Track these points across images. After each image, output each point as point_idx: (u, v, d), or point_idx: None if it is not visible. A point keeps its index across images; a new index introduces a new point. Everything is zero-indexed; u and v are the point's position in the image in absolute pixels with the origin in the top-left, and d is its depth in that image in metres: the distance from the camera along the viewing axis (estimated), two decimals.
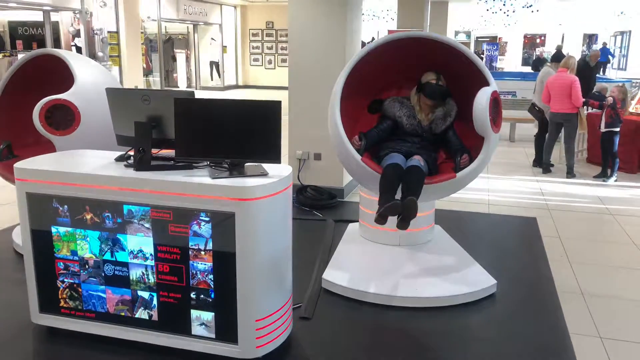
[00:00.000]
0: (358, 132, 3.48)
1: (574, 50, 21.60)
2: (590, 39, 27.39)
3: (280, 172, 2.65)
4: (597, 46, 23.87)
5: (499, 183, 6.47)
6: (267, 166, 2.68)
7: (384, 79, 3.85)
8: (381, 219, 3.03)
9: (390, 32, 11.28)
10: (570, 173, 6.71)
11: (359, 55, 3.50)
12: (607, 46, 23.78)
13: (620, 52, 26.16)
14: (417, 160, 3.30)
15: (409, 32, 3.59)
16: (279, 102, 2.52)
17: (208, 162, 2.73)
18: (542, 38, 28.05)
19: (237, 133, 2.55)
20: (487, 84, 3.26)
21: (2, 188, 5.56)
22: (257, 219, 2.49)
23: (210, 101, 2.62)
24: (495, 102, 3.21)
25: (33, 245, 2.81)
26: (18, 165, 2.78)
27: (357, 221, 4.14)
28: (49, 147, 3.61)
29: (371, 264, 3.63)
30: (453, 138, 3.55)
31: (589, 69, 9.82)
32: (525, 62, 26.63)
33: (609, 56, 23.03)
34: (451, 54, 3.41)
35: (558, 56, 7.24)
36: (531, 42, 28.57)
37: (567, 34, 26.08)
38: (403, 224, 3.03)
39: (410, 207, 2.98)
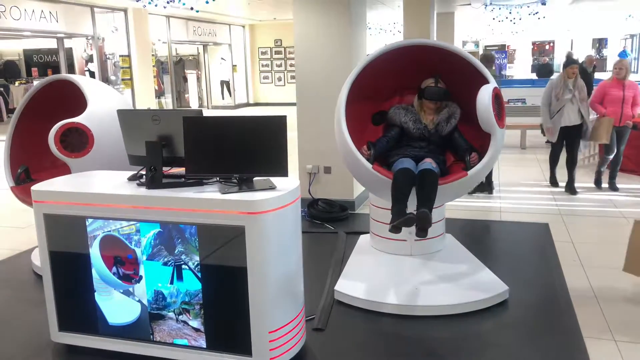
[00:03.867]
0: (366, 142, 3.54)
1: (584, 56, 21.48)
2: (600, 43, 27.27)
3: (288, 185, 2.70)
4: (607, 50, 23.78)
5: (510, 190, 6.46)
6: (275, 180, 2.74)
7: (386, 89, 3.91)
8: (395, 230, 3.10)
9: None
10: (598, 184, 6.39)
11: (359, 67, 3.57)
12: (625, 49, 23.76)
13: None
14: (429, 162, 3.33)
15: (404, 41, 3.68)
16: (284, 117, 2.59)
17: (217, 178, 2.80)
18: (551, 44, 27.99)
19: (244, 148, 2.61)
20: (486, 82, 3.32)
21: (21, 212, 5.69)
22: (266, 232, 2.54)
23: (217, 118, 2.69)
24: (497, 98, 3.28)
25: (51, 265, 2.89)
26: (35, 187, 2.87)
27: (368, 233, 4.17)
28: (65, 170, 3.71)
29: (383, 275, 3.65)
30: (459, 139, 3.61)
31: (587, 75, 9.83)
32: (534, 69, 26.55)
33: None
34: (448, 57, 3.49)
35: (569, 64, 6.19)
36: (540, 49, 28.51)
37: (576, 39, 25.99)
38: (421, 234, 3.10)
39: (424, 219, 3.05)
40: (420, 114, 3.64)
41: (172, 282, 2.70)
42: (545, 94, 6.23)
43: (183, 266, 2.67)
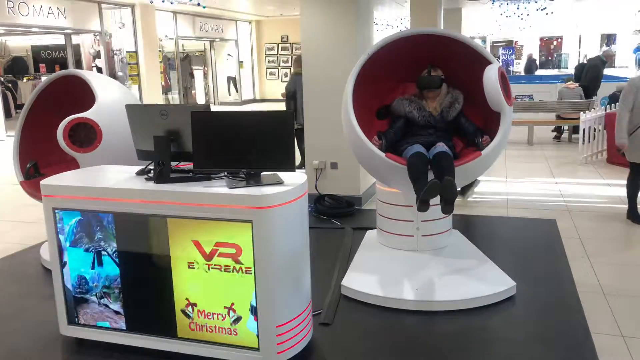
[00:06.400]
0: (375, 132, 3.55)
1: (592, 51, 21.33)
2: (608, 39, 27.03)
3: (295, 180, 2.71)
4: (615, 46, 23.62)
5: (517, 186, 6.44)
6: (283, 175, 2.75)
7: (388, 84, 3.92)
8: (423, 205, 3.09)
9: None
10: None
11: (363, 60, 3.60)
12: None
13: None
14: (441, 146, 3.34)
15: (405, 31, 3.71)
16: (291, 112, 2.61)
17: (225, 173, 2.81)
18: (559, 40, 27.81)
19: (251, 143, 2.62)
20: (488, 63, 3.36)
21: (30, 207, 5.73)
22: (274, 226, 2.55)
23: (225, 113, 2.70)
24: (503, 77, 3.30)
25: (60, 259, 2.91)
26: (44, 182, 2.89)
27: (375, 228, 4.17)
28: (73, 165, 3.73)
29: (390, 270, 3.65)
30: (466, 124, 3.63)
31: (599, 69, 9.83)
32: (542, 66, 26.39)
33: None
34: (447, 45, 3.54)
35: None
36: (547, 44, 28.33)
37: (584, 35, 25.82)
38: (447, 207, 3.07)
39: (449, 187, 3.02)
40: (423, 103, 3.66)
41: (93, 268, 2.82)
42: (624, 99, 4.82)
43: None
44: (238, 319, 2.67)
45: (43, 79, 6.97)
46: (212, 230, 2.60)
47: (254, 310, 2.62)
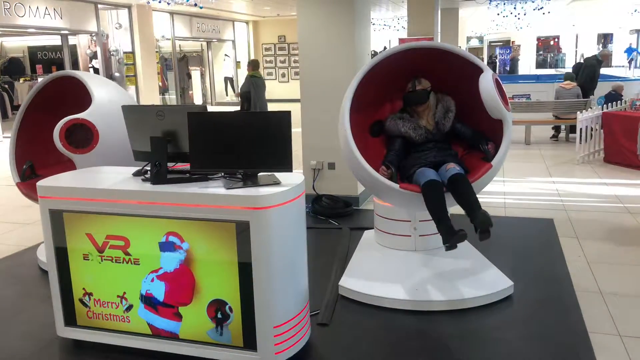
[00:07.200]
0: (371, 150, 3.52)
1: (589, 51, 21.37)
2: (605, 38, 27.12)
3: (293, 180, 2.70)
4: (612, 45, 23.71)
5: (515, 186, 6.45)
6: (280, 175, 2.74)
7: (376, 97, 3.86)
8: (452, 248, 3.06)
9: (401, 40, 11.34)
10: None
11: (356, 81, 3.53)
12: (631, 45, 23.77)
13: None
14: (454, 167, 3.28)
15: (391, 49, 3.63)
16: (289, 112, 2.59)
17: (222, 174, 2.81)
18: (556, 40, 27.86)
19: (249, 144, 2.61)
20: (479, 70, 3.35)
21: (27, 208, 5.73)
22: (271, 227, 2.55)
23: (222, 114, 2.70)
24: (498, 83, 3.29)
25: (57, 260, 2.90)
26: (41, 183, 2.88)
27: (373, 228, 4.17)
28: (70, 166, 3.72)
29: (387, 270, 3.65)
30: (463, 129, 3.61)
31: (595, 68, 9.87)
32: (539, 65, 26.43)
33: (635, 53, 23.06)
34: (434, 54, 3.52)
35: None
36: (545, 44, 28.39)
37: (581, 34, 25.88)
38: (485, 236, 3.01)
39: (485, 221, 2.99)
40: (416, 120, 3.62)
41: None
42: None
43: None
44: (130, 307, 2.82)
45: (40, 80, 6.96)
46: (103, 223, 2.74)
47: (143, 299, 2.78)
